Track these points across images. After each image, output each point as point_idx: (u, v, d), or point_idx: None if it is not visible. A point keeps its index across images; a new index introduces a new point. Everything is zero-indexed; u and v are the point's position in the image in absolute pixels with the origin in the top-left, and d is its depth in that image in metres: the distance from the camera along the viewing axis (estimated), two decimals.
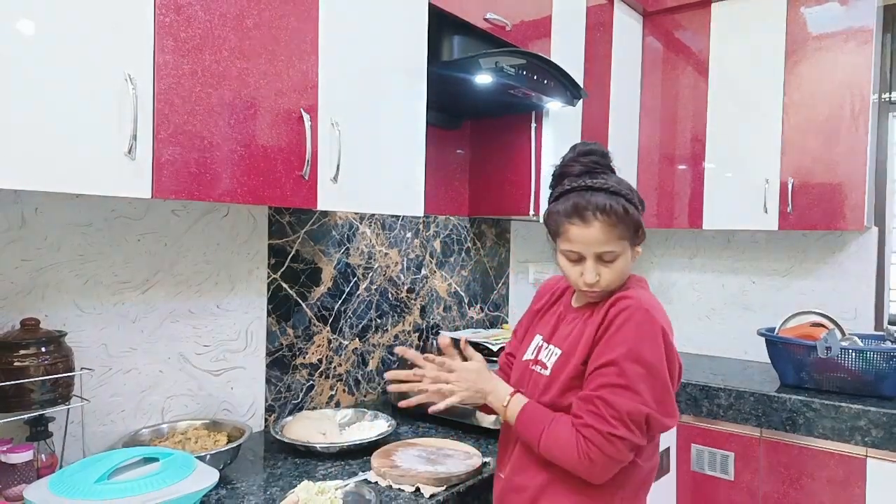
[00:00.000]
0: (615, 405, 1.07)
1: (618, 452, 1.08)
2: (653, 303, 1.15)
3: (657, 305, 1.16)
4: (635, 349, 1.08)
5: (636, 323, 1.10)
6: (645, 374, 1.08)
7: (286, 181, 1.34)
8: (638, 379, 1.07)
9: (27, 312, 1.28)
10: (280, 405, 1.80)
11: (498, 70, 1.71)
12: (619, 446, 1.07)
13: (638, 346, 1.09)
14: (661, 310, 1.16)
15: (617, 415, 1.07)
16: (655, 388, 1.08)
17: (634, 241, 1.19)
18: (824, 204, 2.42)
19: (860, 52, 2.35)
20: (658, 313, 1.13)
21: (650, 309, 1.12)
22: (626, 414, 1.07)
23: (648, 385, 1.08)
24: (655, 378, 1.09)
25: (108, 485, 1.05)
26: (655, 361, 1.09)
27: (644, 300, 1.13)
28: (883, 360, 2.14)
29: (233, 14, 1.24)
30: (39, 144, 0.98)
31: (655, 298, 1.19)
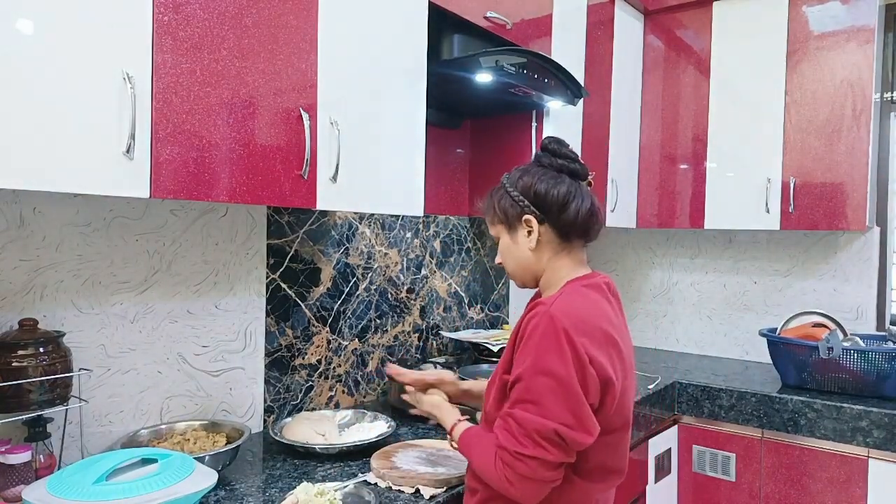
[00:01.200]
0: (523, 422, 1.03)
1: (531, 472, 1.02)
2: (566, 307, 1.08)
3: (572, 309, 1.07)
4: (539, 361, 1.04)
5: (541, 332, 1.05)
6: (553, 386, 1.02)
7: (285, 181, 1.34)
8: (545, 391, 1.02)
9: (25, 312, 1.28)
10: (279, 406, 1.79)
11: (498, 69, 1.70)
12: (532, 465, 1.02)
13: (542, 356, 1.04)
14: (577, 314, 1.07)
15: (525, 432, 1.03)
16: (565, 400, 1.02)
17: (511, 223, 1.21)
18: (826, 204, 2.41)
19: (862, 52, 2.34)
20: (567, 318, 1.05)
21: (557, 315, 1.05)
22: (534, 431, 1.02)
23: (557, 397, 1.02)
24: (565, 389, 1.02)
25: (106, 486, 1.05)
26: (561, 372, 1.02)
27: (556, 305, 1.07)
28: (885, 361, 2.13)
29: (231, 13, 1.23)
30: (37, 144, 0.98)
31: (583, 298, 1.12)
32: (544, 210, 1.18)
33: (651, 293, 3.16)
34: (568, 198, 1.17)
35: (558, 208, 1.17)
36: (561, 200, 1.17)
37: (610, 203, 2.59)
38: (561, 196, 1.17)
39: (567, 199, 1.17)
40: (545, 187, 1.17)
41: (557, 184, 1.17)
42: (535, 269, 1.22)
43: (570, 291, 1.14)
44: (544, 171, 1.20)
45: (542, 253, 1.20)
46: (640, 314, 3.19)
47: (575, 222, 1.17)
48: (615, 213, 2.64)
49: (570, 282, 1.17)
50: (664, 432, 2.38)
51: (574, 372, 1.02)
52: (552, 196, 1.17)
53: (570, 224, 1.18)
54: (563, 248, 1.20)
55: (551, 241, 1.20)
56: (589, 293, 1.15)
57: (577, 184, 1.20)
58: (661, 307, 3.13)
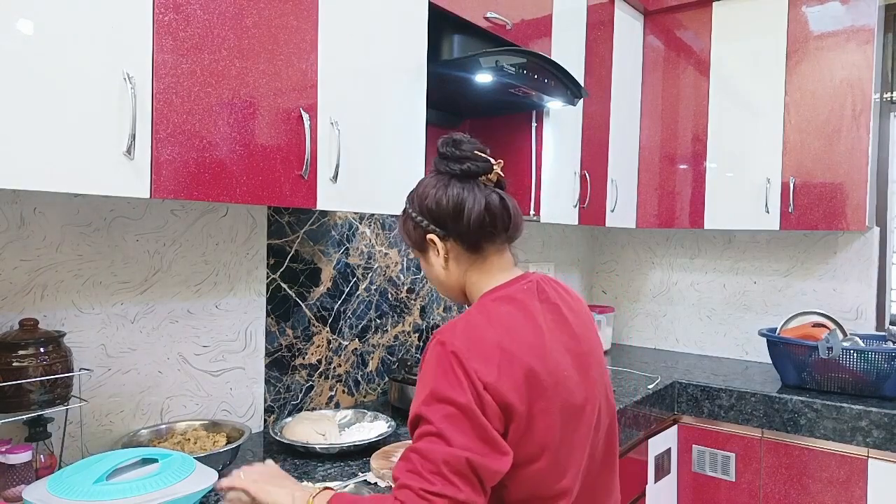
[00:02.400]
0: (428, 455, 0.89)
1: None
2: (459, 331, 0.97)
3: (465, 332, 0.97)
4: (437, 390, 0.93)
5: (435, 360, 0.95)
6: (452, 413, 0.91)
7: (285, 181, 1.34)
8: (444, 420, 0.91)
9: (26, 312, 1.28)
10: (279, 406, 1.80)
11: (498, 69, 1.70)
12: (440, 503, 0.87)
13: (438, 384, 0.93)
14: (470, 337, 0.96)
15: (432, 467, 0.88)
16: (471, 427, 0.90)
17: (420, 246, 1.12)
18: (825, 204, 2.41)
19: (861, 52, 2.34)
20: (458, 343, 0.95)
21: (446, 341, 0.95)
22: (443, 463, 0.88)
23: (458, 425, 0.90)
24: (466, 415, 0.90)
25: (106, 486, 1.05)
26: (460, 399, 0.90)
27: (449, 329, 0.98)
28: (884, 361, 2.13)
29: (232, 13, 1.23)
30: (38, 144, 0.98)
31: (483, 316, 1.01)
32: (442, 224, 1.07)
33: (651, 293, 3.16)
34: (460, 204, 1.06)
35: (452, 219, 1.06)
36: (453, 209, 1.06)
37: (610, 203, 2.60)
38: (452, 204, 1.06)
39: (459, 205, 1.06)
40: (436, 199, 1.07)
41: (448, 191, 1.07)
42: (457, 287, 1.13)
43: (471, 311, 1.04)
44: (437, 181, 1.09)
45: (455, 269, 1.11)
46: (639, 314, 3.20)
47: (471, 228, 1.06)
48: (615, 213, 2.64)
49: (481, 297, 1.07)
50: (664, 432, 2.38)
51: (468, 396, 0.91)
52: (444, 207, 1.06)
53: (468, 231, 1.07)
54: (475, 259, 1.10)
55: (461, 255, 1.10)
56: (496, 308, 1.03)
57: (470, 184, 1.07)
58: (661, 307, 3.13)
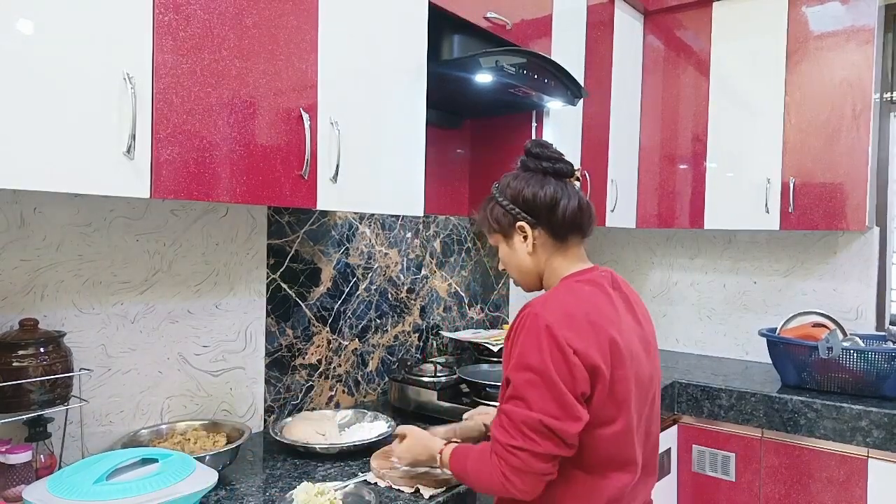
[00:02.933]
0: (511, 415, 1.08)
1: (523, 464, 1.06)
2: (550, 304, 1.11)
3: (556, 305, 1.11)
4: (523, 357, 1.08)
5: (525, 330, 1.10)
6: (534, 380, 1.06)
7: (285, 181, 1.34)
8: (527, 386, 1.07)
9: (26, 312, 1.28)
10: (279, 406, 1.80)
11: (498, 69, 1.70)
12: (522, 457, 1.06)
13: (524, 353, 1.08)
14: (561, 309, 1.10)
15: (513, 425, 1.07)
16: (548, 391, 1.05)
17: (507, 232, 1.25)
18: (825, 204, 2.41)
19: (861, 52, 2.34)
20: (550, 314, 1.09)
21: (539, 312, 1.09)
22: (521, 423, 1.06)
23: (539, 390, 1.06)
24: (545, 382, 1.06)
25: (106, 486, 1.05)
26: (541, 366, 1.06)
27: (541, 302, 1.12)
28: (884, 361, 2.13)
29: (232, 13, 1.23)
30: (38, 144, 0.98)
31: (570, 294, 1.15)
32: (535, 214, 1.21)
33: (651, 293, 3.16)
34: (556, 198, 1.21)
35: (548, 210, 1.21)
36: (549, 202, 1.20)
37: (610, 203, 2.59)
38: (549, 198, 1.20)
39: (555, 199, 1.20)
40: (532, 191, 1.21)
41: (544, 186, 1.21)
42: (536, 272, 1.26)
43: (560, 288, 1.18)
44: (531, 176, 1.23)
45: (540, 255, 1.24)
46: None
47: (565, 221, 1.21)
48: (615, 213, 2.64)
49: (564, 279, 1.21)
50: (664, 432, 2.38)
51: (552, 365, 1.05)
52: (540, 199, 1.20)
53: (561, 223, 1.21)
54: (559, 248, 1.23)
55: (546, 243, 1.23)
56: (580, 287, 1.18)
57: (562, 183, 1.23)
58: (661, 307, 3.13)
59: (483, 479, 1.13)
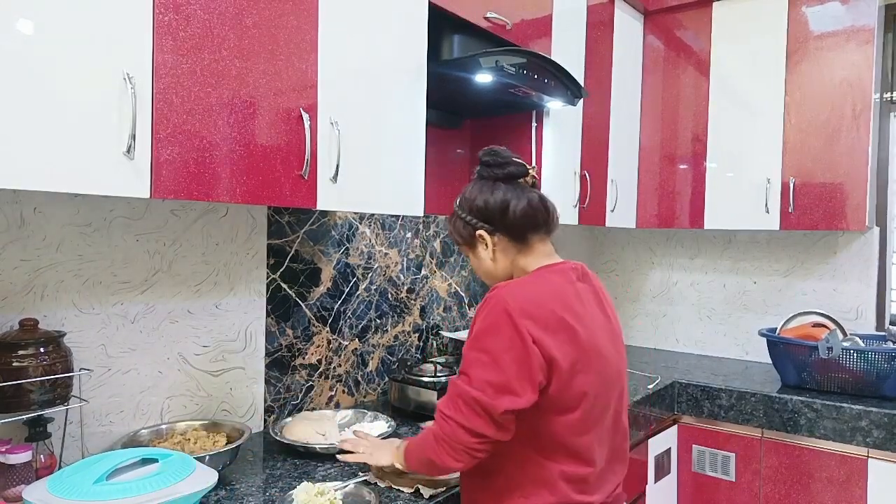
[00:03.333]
0: (452, 387, 1.15)
1: (452, 432, 1.12)
2: (515, 289, 1.15)
3: (521, 292, 1.15)
4: (478, 336, 1.14)
5: (485, 312, 1.14)
6: (482, 358, 1.12)
7: (285, 181, 1.34)
8: (474, 363, 1.12)
9: (26, 312, 1.28)
10: (279, 406, 1.80)
11: (498, 69, 1.70)
12: (451, 426, 1.12)
13: (481, 333, 1.13)
14: (525, 296, 1.14)
15: (451, 395, 1.14)
16: (491, 371, 1.10)
17: (470, 242, 1.30)
18: (825, 204, 2.41)
19: (861, 52, 2.34)
20: (513, 300, 1.12)
21: (502, 296, 1.13)
22: (457, 395, 1.12)
23: (484, 369, 1.11)
24: (492, 362, 1.10)
25: (106, 486, 1.05)
26: (492, 347, 1.11)
27: (507, 287, 1.15)
28: (884, 361, 2.13)
29: (232, 13, 1.23)
30: (38, 144, 0.98)
31: (537, 282, 1.19)
32: (489, 220, 1.26)
33: (651, 293, 3.16)
34: (506, 201, 1.24)
35: (500, 214, 1.25)
36: (500, 206, 1.25)
37: (610, 203, 2.60)
38: (499, 202, 1.25)
39: (505, 203, 1.24)
40: (483, 199, 1.26)
41: (494, 192, 1.25)
42: (502, 276, 1.30)
43: (527, 276, 1.23)
44: (483, 184, 1.28)
45: (502, 259, 1.28)
46: (639, 314, 3.20)
47: (517, 221, 1.24)
48: (615, 213, 2.64)
49: (534, 270, 1.25)
50: (664, 432, 2.38)
51: (505, 348, 1.10)
52: (491, 205, 1.25)
53: (514, 224, 1.25)
54: (522, 249, 1.27)
55: (508, 247, 1.27)
56: (548, 277, 1.22)
57: (512, 185, 1.26)
58: (661, 307, 3.13)
59: (422, 452, 1.21)
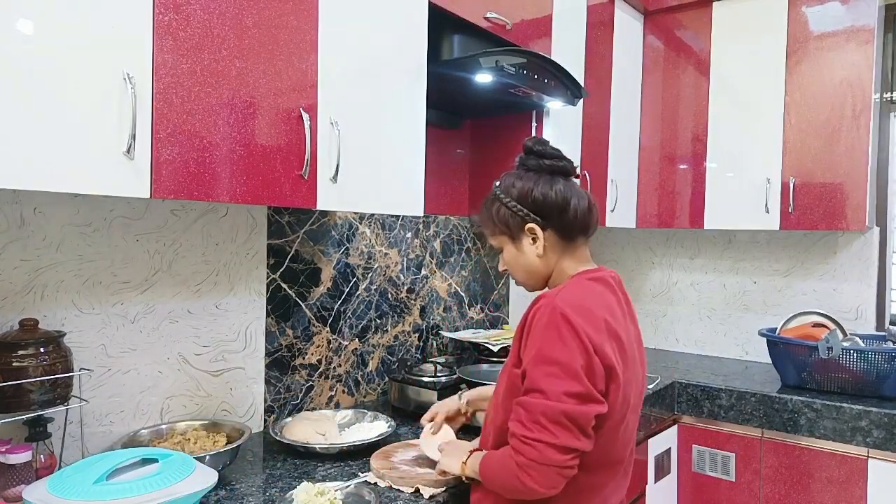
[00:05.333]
0: (529, 407, 1.05)
1: (539, 455, 1.03)
2: (570, 297, 1.09)
3: (575, 299, 1.09)
4: (543, 350, 1.06)
5: (545, 323, 1.07)
6: (553, 371, 1.04)
7: (285, 181, 1.34)
8: (545, 378, 1.05)
9: (26, 312, 1.28)
10: (279, 406, 1.80)
11: (498, 69, 1.70)
12: (539, 448, 1.03)
13: (545, 346, 1.06)
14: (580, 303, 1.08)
15: (531, 417, 1.04)
16: (565, 381, 1.04)
17: (514, 234, 1.21)
18: (826, 204, 2.41)
19: (861, 52, 2.34)
20: (570, 308, 1.07)
21: (559, 305, 1.07)
22: (541, 414, 1.03)
23: (557, 381, 1.04)
24: (565, 372, 1.04)
25: (106, 486, 1.05)
26: (564, 358, 1.04)
27: (559, 296, 1.09)
28: (884, 361, 2.13)
29: (232, 13, 1.23)
30: (38, 144, 0.98)
31: (586, 290, 1.13)
32: (545, 215, 1.18)
33: (651, 293, 3.16)
34: (567, 199, 1.17)
35: (559, 211, 1.17)
36: (561, 203, 1.17)
37: (610, 203, 2.59)
38: (560, 198, 1.17)
39: (566, 200, 1.17)
40: (542, 191, 1.17)
41: (553, 186, 1.18)
42: (543, 274, 1.23)
43: (573, 283, 1.16)
44: (537, 175, 1.19)
45: (549, 257, 1.21)
46: (640, 314, 3.19)
47: (576, 222, 1.18)
48: (615, 213, 2.64)
49: (575, 276, 1.19)
50: (664, 432, 2.38)
51: (573, 355, 1.04)
52: (551, 200, 1.17)
53: (572, 225, 1.19)
54: (568, 249, 1.21)
55: (556, 244, 1.20)
56: (593, 285, 1.16)
57: (570, 182, 1.20)
58: (661, 307, 3.13)
59: (503, 478, 1.10)
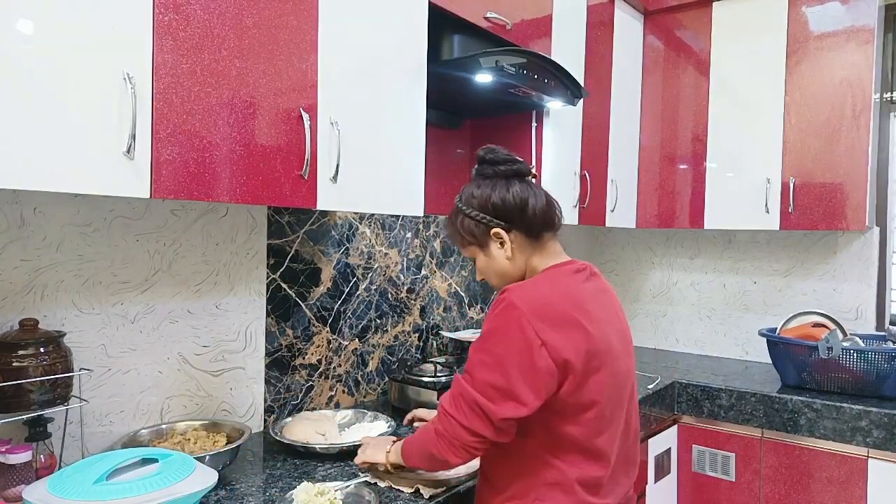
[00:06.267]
0: (457, 386, 1.15)
1: (451, 430, 1.13)
2: (526, 291, 1.13)
3: (532, 293, 1.13)
4: (484, 338, 1.13)
5: (496, 314, 1.13)
6: (486, 361, 1.11)
7: (285, 181, 1.34)
8: (478, 365, 1.12)
9: (26, 312, 1.28)
10: (279, 406, 1.80)
11: (498, 69, 1.70)
12: (451, 423, 1.13)
13: (488, 335, 1.13)
14: (536, 297, 1.12)
15: (453, 394, 1.15)
16: (494, 374, 1.09)
17: (482, 241, 1.26)
18: (825, 204, 2.41)
19: (861, 52, 2.34)
20: (524, 303, 1.10)
21: (513, 300, 1.11)
22: (459, 395, 1.13)
23: (487, 371, 1.10)
24: (496, 366, 1.10)
25: (106, 486, 1.05)
26: (498, 350, 1.10)
27: (517, 289, 1.13)
28: (884, 361, 2.13)
29: (232, 13, 1.23)
30: (38, 144, 0.98)
31: (548, 282, 1.17)
32: (507, 218, 1.23)
33: (651, 293, 3.16)
34: (524, 199, 1.22)
35: (519, 212, 1.22)
36: (519, 204, 1.22)
37: (610, 203, 2.60)
38: (518, 200, 1.22)
39: (524, 200, 1.22)
40: (500, 196, 1.23)
41: (510, 189, 1.23)
42: (516, 275, 1.27)
43: (539, 277, 1.21)
44: (493, 182, 1.24)
45: (518, 258, 1.25)
46: (639, 314, 3.19)
47: (537, 219, 1.23)
48: (615, 213, 2.64)
49: (547, 269, 1.23)
50: (664, 432, 2.38)
51: (511, 353, 1.09)
52: (510, 202, 1.22)
53: (532, 223, 1.23)
54: (536, 247, 1.25)
55: (523, 245, 1.25)
56: (558, 276, 1.20)
57: (525, 183, 1.25)
58: (661, 307, 3.13)
59: (421, 445, 1.22)
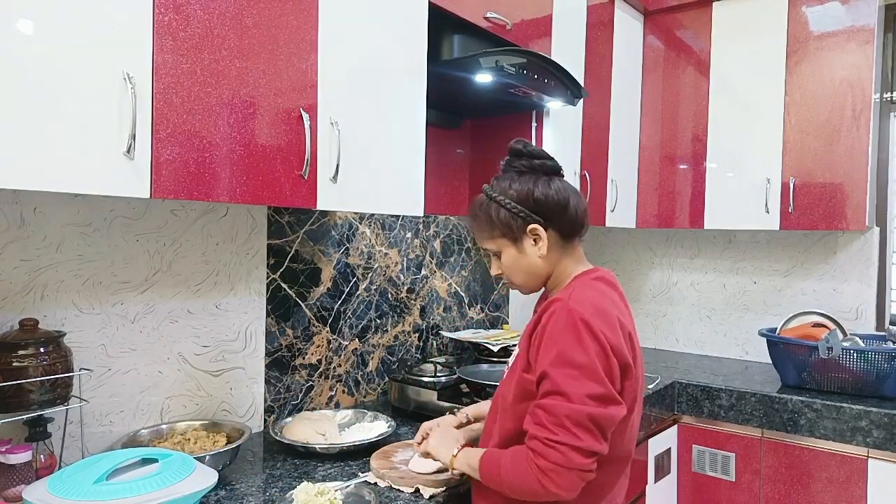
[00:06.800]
0: (552, 410, 1.04)
1: (565, 459, 1.02)
2: (583, 299, 1.09)
3: (588, 301, 1.09)
4: (562, 353, 1.05)
5: (561, 326, 1.07)
6: (574, 374, 1.04)
7: (285, 181, 1.34)
8: (566, 380, 1.04)
9: (26, 312, 1.28)
10: (279, 406, 1.80)
11: (498, 69, 1.70)
12: (564, 451, 1.02)
13: (565, 350, 1.05)
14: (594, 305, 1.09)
15: (555, 420, 1.03)
16: (587, 384, 1.03)
17: (515, 235, 1.19)
18: (826, 204, 2.41)
19: (861, 52, 2.34)
20: (585, 310, 1.07)
21: (575, 308, 1.07)
22: (566, 417, 1.02)
23: (579, 383, 1.03)
24: (587, 375, 1.04)
25: (106, 485, 1.05)
26: (585, 361, 1.04)
27: (573, 299, 1.09)
28: (884, 361, 2.13)
29: (232, 13, 1.23)
30: (38, 144, 0.98)
31: (595, 291, 1.14)
32: (547, 216, 1.17)
33: (651, 293, 3.16)
34: (567, 198, 1.18)
35: (560, 210, 1.17)
36: (563, 202, 1.17)
37: (610, 203, 2.59)
38: (561, 198, 1.17)
39: (567, 199, 1.18)
40: (543, 192, 1.17)
41: (552, 186, 1.18)
42: (544, 275, 1.22)
43: (581, 285, 1.15)
44: (535, 176, 1.19)
45: (551, 257, 1.20)
46: (640, 314, 3.19)
47: (576, 221, 1.19)
48: (615, 213, 2.64)
49: (578, 276, 1.19)
50: (664, 432, 2.38)
51: (594, 358, 1.04)
52: (553, 199, 1.17)
53: (572, 224, 1.19)
54: (567, 249, 1.21)
55: (556, 244, 1.20)
56: (599, 285, 1.17)
57: (564, 181, 1.21)
58: (661, 307, 3.13)
59: (518, 481, 1.07)
